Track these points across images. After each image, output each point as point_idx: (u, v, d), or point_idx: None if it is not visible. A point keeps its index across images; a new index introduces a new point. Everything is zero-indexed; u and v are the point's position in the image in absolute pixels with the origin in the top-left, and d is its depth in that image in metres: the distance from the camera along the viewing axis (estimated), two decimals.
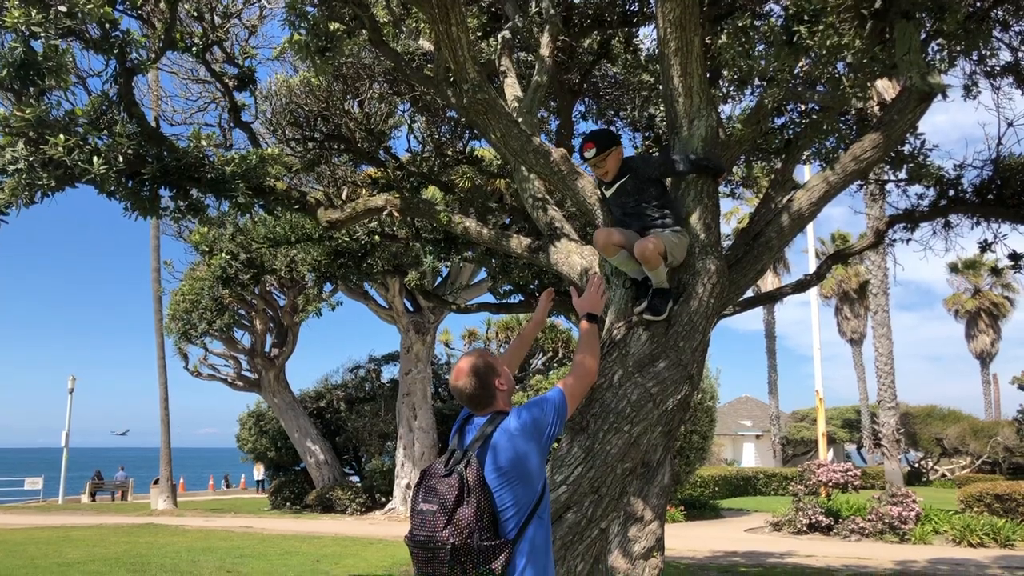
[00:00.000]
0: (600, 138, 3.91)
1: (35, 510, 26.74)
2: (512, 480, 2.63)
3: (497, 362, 2.92)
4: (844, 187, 4.27)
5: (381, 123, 8.68)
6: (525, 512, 2.63)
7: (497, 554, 2.54)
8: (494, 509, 2.60)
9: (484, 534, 2.54)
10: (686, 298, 3.83)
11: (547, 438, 2.76)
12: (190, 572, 11.37)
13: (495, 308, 11.07)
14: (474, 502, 2.55)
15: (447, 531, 2.53)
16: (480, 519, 2.54)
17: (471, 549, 2.52)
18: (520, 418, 2.73)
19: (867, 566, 12.18)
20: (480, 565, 2.53)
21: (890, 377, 19.86)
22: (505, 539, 2.57)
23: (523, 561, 2.60)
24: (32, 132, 3.57)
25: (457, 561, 2.52)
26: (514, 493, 2.63)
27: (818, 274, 8.36)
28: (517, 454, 2.66)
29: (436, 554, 2.55)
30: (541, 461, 2.72)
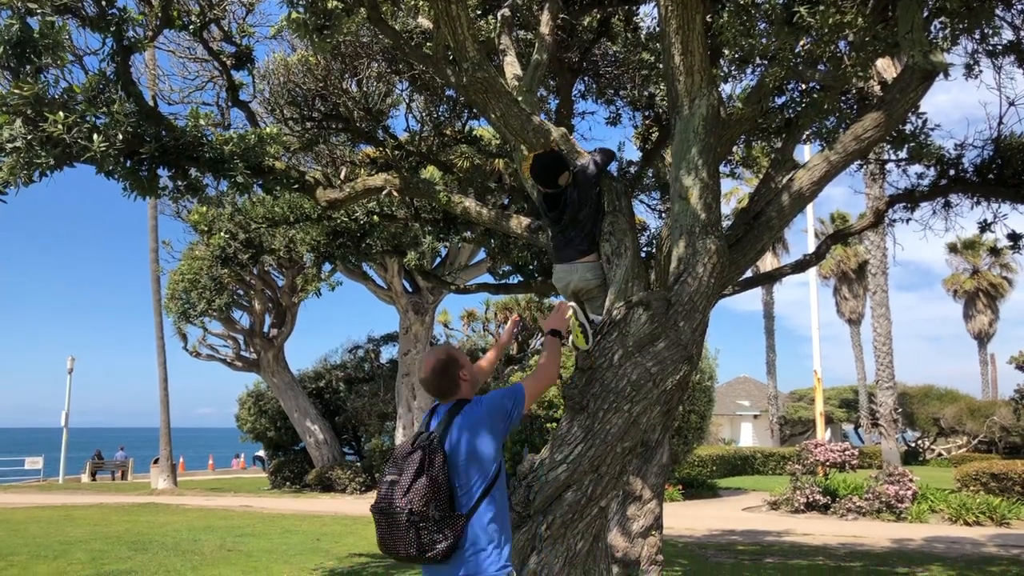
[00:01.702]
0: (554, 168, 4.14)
1: (36, 489, 26.86)
2: (468, 462, 2.95)
3: (462, 356, 3.22)
4: (845, 166, 4.26)
5: (379, 102, 8.62)
6: (479, 490, 2.94)
7: (449, 525, 2.85)
8: (451, 486, 2.92)
9: (439, 506, 2.85)
10: (686, 277, 3.83)
11: (504, 427, 3.06)
12: (191, 550, 11.44)
13: (494, 288, 11.04)
14: (431, 476, 2.87)
15: (405, 499, 2.83)
16: (436, 492, 2.85)
17: (426, 517, 2.82)
18: (480, 407, 3.04)
19: (864, 544, 12.28)
20: (433, 533, 2.82)
21: (888, 357, 19.88)
22: (459, 513, 2.89)
23: (473, 534, 2.90)
24: (30, 110, 3.54)
25: (413, 526, 2.82)
26: (469, 474, 2.94)
27: (817, 254, 8.35)
28: (474, 439, 2.96)
29: (395, 519, 2.85)
30: (497, 447, 3.01)
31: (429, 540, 2.82)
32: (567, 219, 4.01)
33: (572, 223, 4.02)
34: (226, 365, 24.81)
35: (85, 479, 31.85)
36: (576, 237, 4.01)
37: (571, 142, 4.20)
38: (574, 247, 4.02)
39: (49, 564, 10.34)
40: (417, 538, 2.82)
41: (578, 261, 4.03)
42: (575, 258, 4.03)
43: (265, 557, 10.84)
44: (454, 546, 2.85)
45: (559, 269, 4.10)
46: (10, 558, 10.80)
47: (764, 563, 10.51)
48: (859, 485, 16.69)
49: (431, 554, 2.83)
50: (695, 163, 3.99)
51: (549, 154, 4.08)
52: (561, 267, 4.08)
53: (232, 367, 24.74)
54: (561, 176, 4.07)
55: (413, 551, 2.85)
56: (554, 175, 4.06)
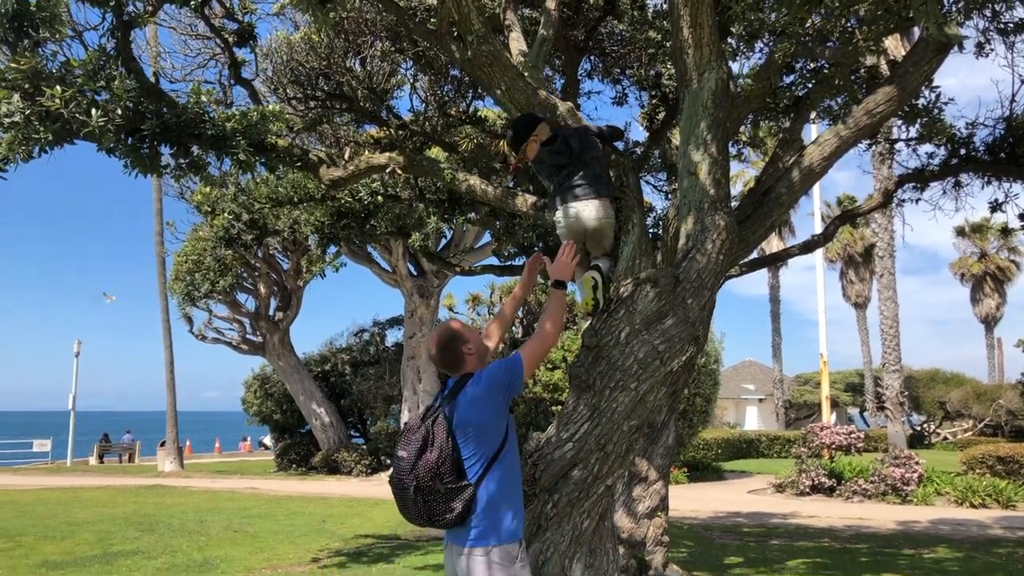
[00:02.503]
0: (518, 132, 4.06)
1: (44, 472, 27.01)
2: (473, 434, 3.04)
3: (467, 331, 3.30)
4: (856, 142, 4.19)
5: (383, 82, 8.54)
6: (486, 459, 3.04)
7: (458, 495, 2.99)
8: (458, 457, 3.03)
9: (446, 478, 2.98)
10: (694, 254, 3.77)
11: (503, 398, 3.12)
12: (197, 531, 11.48)
13: (499, 270, 11.00)
14: (436, 451, 3.00)
15: (412, 474, 3.00)
16: (441, 465, 2.98)
17: (434, 491, 2.98)
18: (481, 381, 3.11)
19: (869, 526, 12.26)
20: (440, 503, 2.98)
21: (895, 340, 19.82)
22: (467, 482, 3.01)
23: (485, 498, 3.02)
24: (28, 84, 3.49)
25: (421, 498, 2.99)
26: (476, 445, 3.04)
27: (825, 235, 8.28)
28: (477, 412, 3.06)
29: (405, 493, 3.02)
30: (500, 416, 3.10)
31: (439, 510, 2.99)
32: (572, 160, 3.88)
33: (578, 164, 3.88)
34: (232, 348, 24.84)
35: (93, 461, 32.01)
36: (583, 180, 3.85)
37: (578, 117, 4.14)
38: (582, 188, 3.84)
39: (57, 544, 10.38)
40: (427, 509, 3.01)
41: (588, 199, 3.85)
42: (584, 198, 3.85)
43: (271, 538, 10.87)
44: (463, 513, 2.99)
45: (569, 208, 3.87)
46: (18, 538, 10.85)
47: (769, 544, 10.50)
48: (865, 468, 16.67)
49: (441, 522, 3.02)
50: (704, 138, 3.92)
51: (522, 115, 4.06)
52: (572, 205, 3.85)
53: (238, 350, 24.77)
54: (538, 127, 3.96)
55: (424, 520, 3.04)
56: (529, 127, 3.96)
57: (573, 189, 3.84)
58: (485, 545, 3.01)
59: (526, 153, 3.96)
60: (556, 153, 3.93)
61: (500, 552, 3.02)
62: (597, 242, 3.99)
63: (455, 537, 3.08)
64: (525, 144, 3.94)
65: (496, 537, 3.02)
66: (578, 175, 3.88)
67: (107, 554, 9.59)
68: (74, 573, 8.42)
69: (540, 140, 3.96)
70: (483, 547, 3.01)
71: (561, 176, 3.94)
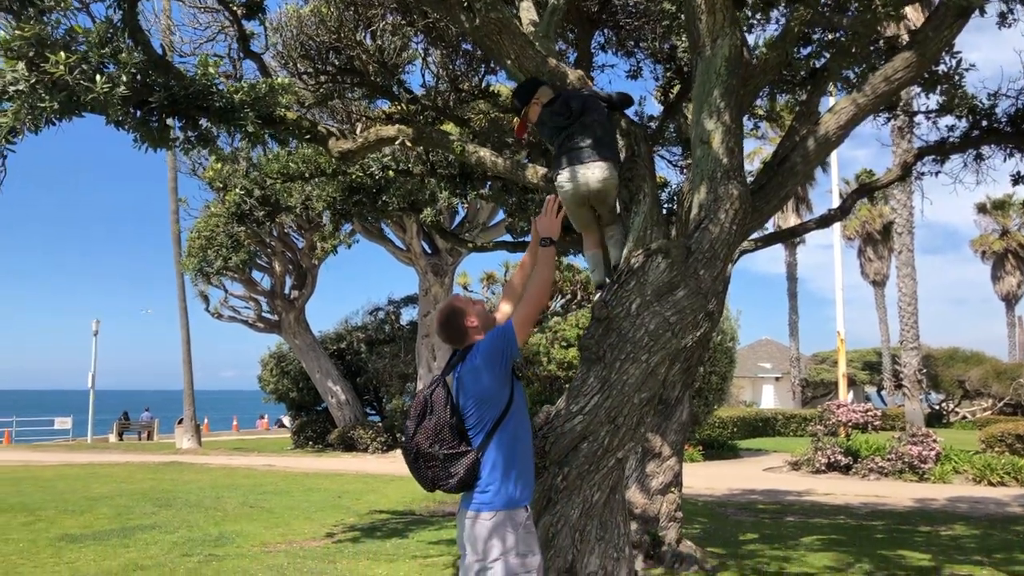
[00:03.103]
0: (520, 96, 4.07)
1: (65, 448, 27.37)
2: (475, 402, 3.13)
3: (467, 304, 3.38)
4: (874, 110, 4.09)
5: (395, 56, 8.46)
6: (489, 426, 3.12)
7: (458, 460, 3.09)
8: (460, 424, 3.14)
9: (445, 444, 3.10)
10: (707, 224, 3.70)
11: (502, 365, 3.15)
12: (214, 507, 11.58)
13: (512, 247, 10.94)
14: (435, 418, 3.13)
15: (414, 440, 3.15)
16: (439, 432, 3.11)
17: (434, 455, 3.10)
18: (477, 354, 3.19)
19: (886, 504, 12.20)
20: (439, 470, 3.10)
21: (913, 318, 19.60)
22: (467, 448, 3.11)
23: (489, 464, 3.10)
24: (32, 52, 3.46)
25: (423, 463, 3.12)
26: (479, 413, 3.13)
27: (843, 209, 8.18)
28: (477, 381, 3.14)
29: (409, 458, 3.18)
30: (502, 384, 3.15)
31: (441, 475, 3.10)
32: (572, 122, 3.81)
33: (579, 127, 3.81)
34: (248, 327, 24.98)
35: (112, 439, 32.41)
36: (586, 142, 3.78)
37: (588, 84, 4.06)
38: (586, 150, 3.77)
39: (76, 518, 10.51)
40: (431, 474, 3.12)
41: (592, 161, 3.77)
42: (588, 160, 3.78)
43: (287, 514, 10.96)
44: (466, 479, 3.09)
45: (575, 170, 3.79)
46: (39, 512, 10.99)
47: (784, 521, 10.47)
48: (881, 446, 16.57)
49: (444, 487, 3.11)
50: (717, 106, 3.84)
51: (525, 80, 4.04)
52: (576, 168, 3.77)
53: (254, 328, 24.90)
54: (540, 90, 3.93)
55: (429, 485, 3.16)
56: (530, 90, 3.94)
57: (577, 151, 3.78)
58: (489, 510, 3.07)
59: (528, 116, 3.93)
60: (556, 114, 3.89)
61: (504, 517, 3.07)
62: (601, 204, 3.93)
63: (464, 502, 3.17)
64: (527, 107, 3.90)
65: (501, 502, 3.08)
66: (580, 137, 3.82)
67: (125, 528, 9.70)
68: (93, 546, 8.52)
69: (542, 103, 3.93)
70: (487, 511, 3.07)
71: (561, 138, 3.88)
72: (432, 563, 7.64)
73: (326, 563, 7.64)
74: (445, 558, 7.87)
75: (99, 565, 7.57)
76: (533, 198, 8.90)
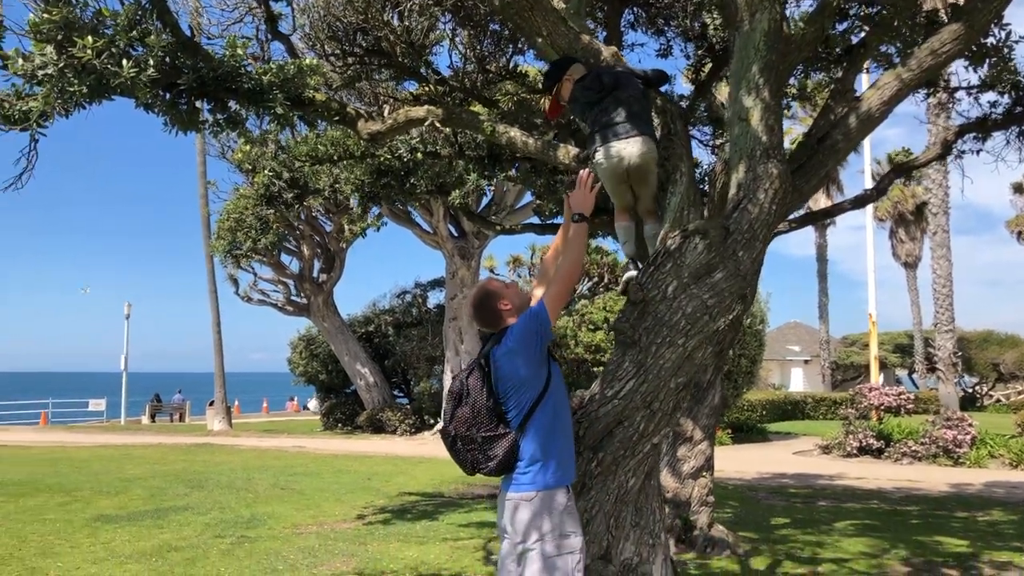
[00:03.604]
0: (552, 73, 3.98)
1: (99, 430, 27.84)
2: (512, 385, 3.10)
3: (500, 287, 3.35)
4: (919, 85, 3.96)
5: (422, 37, 8.38)
6: (527, 408, 3.08)
7: (496, 443, 3.06)
8: (497, 407, 3.10)
9: (483, 428, 3.06)
10: (746, 204, 3.60)
11: (537, 347, 3.12)
12: (245, 488, 11.69)
13: (540, 229, 10.87)
14: (471, 402, 3.10)
15: (452, 424, 3.12)
16: (476, 416, 3.07)
17: (472, 439, 3.08)
18: (511, 337, 3.15)
19: (920, 488, 12.03)
20: (478, 453, 3.08)
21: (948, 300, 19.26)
22: (506, 430, 3.08)
23: (528, 445, 3.08)
24: (60, 35, 3.44)
25: (462, 446, 3.10)
26: (516, 395, 3.10)
27: (879, 189, 8.00)
28: (512, 364, 3.11)
29: (448, 442, 3.16)
30: (538, 365, 3.12)
31: (480, 458, 3.09)
32: (604, 96, 3.71)
33: (613, 101, 3.70)
34: (277, 310, 25.17)
35: (145, 420, 32.91)
36: (621, 117, 3.67)
37: (623, 62, 3.96)
38: (622, 125, 3.67)
39: (111, 499, 10.66)
40: (470, 457, 3.10)
41: (629, 136, 3.66)
42: (624, 135, 3.66)
43: (317, 495, 11.04)
44: (505, 461, 3.06)
45: (610, 147, 3.67)
46: (74, 493, 11.17)
47: (816, 506, 10.36)
48: (914, 430, 16.34)
49: (484, 470, 3.10)
50: (756, 82, 3.72)
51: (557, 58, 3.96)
52: (612, 144, 3.67)
53: (283, 311, 25.09)
54: (572, 67, 3.85)
55: (470, 468, 3.14)
56: (562, 67, 3.87)
57: (613, 127, 3.68)
58: (529, 490, 3.05)
59: (560, 93, 3.83)
60: (587, 89, 3.79)
61: (545, 498, 3.05)
62: (641, 181, 3.82)
63: (504, 484, 3.15)
64: (558, 85, 3.82)
65: (540, 483, 3.05)
66: (615, 111, 3.72)
67: (158, 509, 9.82)
68: (127, 527, 8.63)
69: (574, 79, 3.84)
70: (528, 492, 3.05)
71: (594, 113, 3.78)
72: (463, 546, 7.65)
73: (357, 545, 7.67)
74: (475, 541, 7.87)
75: (134, 546, 7.66)
76: (562, 179, 8.80)
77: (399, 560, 7.05)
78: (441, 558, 7.14)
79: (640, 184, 3.84)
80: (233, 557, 7.15)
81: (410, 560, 7.06)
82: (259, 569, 6.68)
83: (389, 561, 7.01)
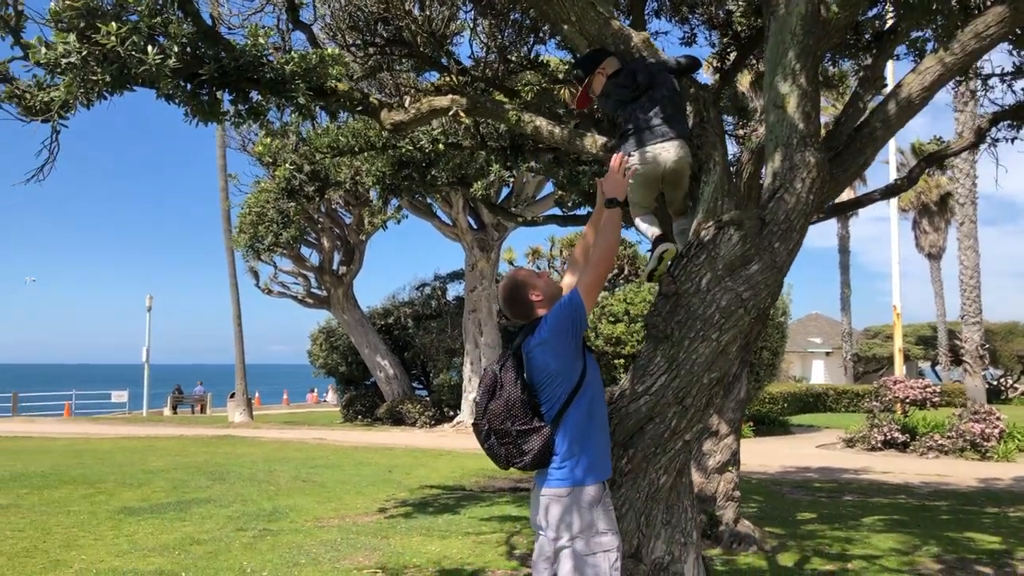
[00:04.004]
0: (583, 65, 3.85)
1: (122, 421, 28.09)
2: (547, 377, 3.01)
3: (531, 276, 3.26)
4: (962, 69, 3.82)
5: (443, 27, 8.30)
6: (562, 401, 3.00)
7: (531, 436, 2.97)
8: (532, 399, 3.02)
9: (517, 421, 2.98)
10: (782, 194, 3.49)
11: (572, 337, 3.02)
12: (267, 481, 11.71)
13: (562, 220, 10.76)
14: (504, 396, 3.01)
15: (484, 419, 3.04)
16: (510, 409, 2.99)
17: (506, 432, 2.99)
18: (545, 327, 3.06)
19: (948, 483, 11.85)
20: (511, 446, 3.00)
21: (975, 291, 18.95)
22: (541, 424, 2.99)
23: (563, 440, 2.99)
24: (83, 23, 3.38)
25: (495, 440, 3.02)
26: (551, 388, 3.01)
27: (910, 178, 7.83)
28: (546, 356, 3.02)
29: (481, 434, 3.07)
30: (573, 357, 3.03)
31: (514, 452, 3.00)
32: (639, 95, 3.58)
33: (648, 101, 3.57)
34: (297, 302, 25.24)
35: (167, 412, 33.19)
36: (655, 119, 3.53)
37: (653, 47, 3.85)
38: (658, 127, 3.53)
39: (134, 491, 10.70)
40: (504, 451, 3.02)
41: (666, 139, 3.52)
42: (661, 138, 3.53)
43: (338, 488, 11.03)
44: (540, 456, 2.98)
45: (645, 152, 3.53)
46: (98, 485, 11.22)
47: (843, 500, 10.22)
48: (940, 423, 16.12)
49: (519, 464, 3.01)
50: (792, 68, 3.60)
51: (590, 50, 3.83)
52: (648, 148, 3.53)
53: (303, 304, 25.15)
54: (605, 61, 3.72)
55: (503, 462, 3.06)
56: (595, 60, 3.74)
57: (650, 128, 3.54)
58: (564, 486, 2.97)
59: (592, 86, 3.70)
60: (621, 87, 3.65)
61: (580, 493, 2.97)
62: (676, 184, 3.72)
63: (539, 479, 3.07)
64: (591, 77, 3.69)
65: (577, 478, 2.97)
66: (651, 112, 3.59)
67: (181, 502, 9.84)
68: (150, 519, 8.65)
69: (606, 73, 3.71)
70: (562, 489, 2.97)
71: (627, 112, 3.65)
72: (485, 540, 7.59)
73: (379, 539, 7.63)
74: (498, 535, 7.81)
75: (157, 539, 7.67)
76: (585, 171, 8.69)
77: (421, 554, 7.01)
78: (464, 552, 7.09)
79: (674, 187, 3.73)
80: (255, 551, 7.14)
81: (432, 554, 7.01)
82: (281, 563, 6.66)
83: (411, 555, 6.96)
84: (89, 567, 6.57)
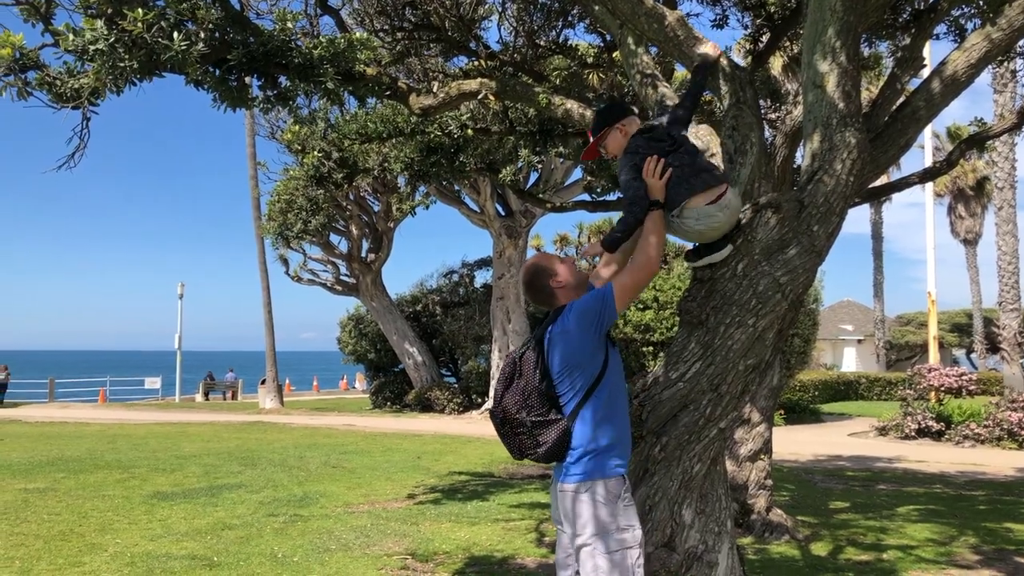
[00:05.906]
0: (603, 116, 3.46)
1: (155, 407, 28.49)
2: (567, 368, 2.93)
3: (552, 262, 3.17)
4: (1010, 46, 3.68)
5: (471, 11, 8.22)
6: (582, 393, 2.93)
7: (546, 428, 2.91)
8: (550, 390, 2.95)
9: (533, 411, 2.92)
10: (822, 176, 3.39)
11: (595, 330, 2.94)
12: (297, 466, 11.79)
13: (591, 206, 10.67)
14: (522, 383, 2.96)
15: (501, 406, 2.98)
16: (526, 399, 2.93)
17: (521, 422, 2.93)
18: (569, 317, 2.97)
19: (985, 473, 11.63)
20: (526, 437, 2.93)
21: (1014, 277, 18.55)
22: (558, 416, 2.92)
23: (581, 433, 2.91)
24: (111, 9, 3.37)
25: (510, 429, 2.96)
26: (571, 379, 2.93)
27: (949, 161, 7.66)
28: (568, 346, 2.93)
29: (496, 421, 3.02)
30: (595, 349, 2.95)
31: (528, 443, 2.94)
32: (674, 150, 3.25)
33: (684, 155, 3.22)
34: (326, 289, 25.38)
35: (199, 399, 33.61)
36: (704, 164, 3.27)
37: (688, 27, 3.76)
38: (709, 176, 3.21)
39: (167, 476, 10.83)
40: (517, 442, 2.97)
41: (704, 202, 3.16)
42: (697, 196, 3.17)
43: (368, 474, 11.08)
44: (555, 448, 2.91)
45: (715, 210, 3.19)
46: (132, 470, 11.38)
47: (876, 489, 10.07)
48: (976, 411, 15.83)
49: (532, 456, 2.95)
50: (832, 45, 3.48)
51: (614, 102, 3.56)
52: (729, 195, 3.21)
53: (332, 291, 25.28)
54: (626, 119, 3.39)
55: (517, 453, 3.00)
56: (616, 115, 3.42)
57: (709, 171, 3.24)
58: (583, 481, 2.89)
59: (606, 144, 3.37)
60: (656, 140, 3.30)
61: (599, 489, 2.89)
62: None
63: (557, 473, 3.01)
64: (607, 130, 3.37)
65: (595, 473, 2.90)
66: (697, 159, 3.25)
67: (213, 487, 9.94)
68: (183, 504, 8.74)
69: (627, 132, 3.37)
70: (582, 483, 2.89)
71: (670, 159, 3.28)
72: (514, 527, 7.57)
73: (409, 525, 7.64)
74: (527, 522, 7.79)
75: (189, 523, 7.74)
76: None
77: (451, 541, 7.00)
78: (493, 539, 7.07)
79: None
80: (286, 536, 7.18)
81: (462, 541, 7.00)
82: (312, 548, 6.69)
83: (441, 542, 6.96)
84: (124, 551, 6.64)
